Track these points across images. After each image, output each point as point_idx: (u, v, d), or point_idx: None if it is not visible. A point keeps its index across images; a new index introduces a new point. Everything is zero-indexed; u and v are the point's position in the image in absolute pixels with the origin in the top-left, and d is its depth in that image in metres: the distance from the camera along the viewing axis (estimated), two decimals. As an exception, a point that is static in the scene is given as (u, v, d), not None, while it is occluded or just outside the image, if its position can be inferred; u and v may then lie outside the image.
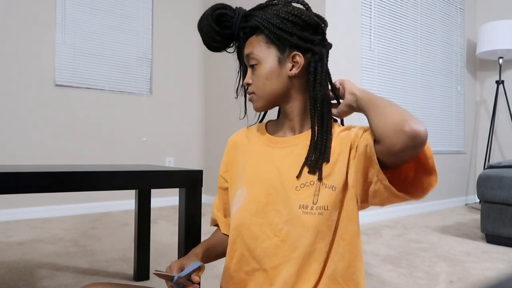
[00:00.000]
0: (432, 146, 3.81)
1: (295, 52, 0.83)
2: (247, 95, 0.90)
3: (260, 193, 0.85)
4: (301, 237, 0.80)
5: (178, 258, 1.24)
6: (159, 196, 3.86)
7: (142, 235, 1.73)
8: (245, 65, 0.92)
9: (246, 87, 0.91)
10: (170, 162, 3.95)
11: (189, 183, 1.21)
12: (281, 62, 0.84)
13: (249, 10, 0.87)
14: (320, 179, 0.81)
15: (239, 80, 0.95)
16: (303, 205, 0.81)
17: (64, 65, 3.35)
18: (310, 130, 0.87)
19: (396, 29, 3.47)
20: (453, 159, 4.03)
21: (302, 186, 0.82)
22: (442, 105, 3.96)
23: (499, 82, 3.87)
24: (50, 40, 3.27)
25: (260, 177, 0.87)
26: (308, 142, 0.85)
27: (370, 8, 3.22)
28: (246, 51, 0.86)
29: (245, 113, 0.99)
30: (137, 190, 1.73)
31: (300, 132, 0.89)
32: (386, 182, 0.75)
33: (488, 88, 4.29)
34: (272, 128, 0.94)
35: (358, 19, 3.11)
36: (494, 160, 4.14)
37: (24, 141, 3.14)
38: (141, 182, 1.14)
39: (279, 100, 0.88)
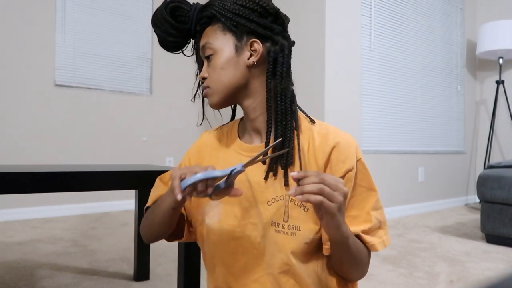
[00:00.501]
0: (432, 146, 3.82)
1: (253, 39, 0.77)
2: (203, 91, 0.82)
3: (234, 207, 0.80)
4: (275, 256, 0.76)
5: (178, 258, 1.24)
6: (159, 196, 3.86)
7: (142, 235, 1.73)
8: (202, 62, 0.85)
9: (201, 82, 0.83)
10: (170, 162, 3.95)
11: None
12: (238, 50, 0.78)
13: (206, 2, 0.81)
14: (286, 184, 0.75)
15: (199, 83, 0.86)
16: (275, 222, 0.76)
17: (64, 65, 3.35)
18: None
19: (396, 29, 3.47)
20: (453, 159, 4.03)
21: (273, 200, 0.76)
22: (442, 105, 3.96)
23: (499, 82, 3.87)
24: (50, 40, 3.27)
25: None
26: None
27: (370, 8, 3.22)
28: (202, 42, 0.80)
29: (203, 116, 0.87)
30: (137, 190, 1.73)
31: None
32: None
33: (488, 88, 4.29)
34: (242, 129, 0.86)
35: (358, 19, 3.11)
36: (494, 160, 4.14)
37: (24, 141, 3.14)
38: (141, 182, 1.14)
39: (237, 94, 0.80)
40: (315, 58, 2.96)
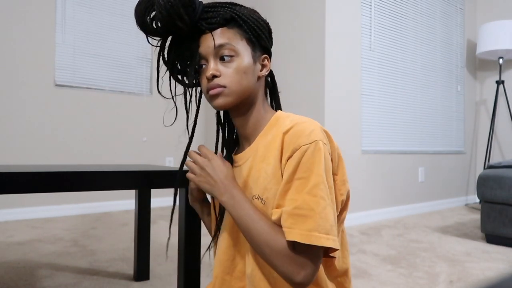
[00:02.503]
0: (432, 146, 3.82)
1: (265, 55, 0.82)
2: (209, 90, 0.79)
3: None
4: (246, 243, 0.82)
5: (178, 258, 1.24)
6: (159, 196, 3.86)
7: (142, 235, 1.73)
8: (187, 61, 0.84)
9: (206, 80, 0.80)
10: (170, 162, 3.95)
11: (189, 183, 1.21)
12: (254, 60, 0.80)
13: (214, 2, 0.80)
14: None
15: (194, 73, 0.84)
16: None
17: (64, 65, 3.35)
18: (255, 140, 0.82)
19: (396, 29, 3.47)
20: (453, 159, 4.03)
21: (252, 198, 0.80)
22: (442, 105, 3.96)
23: (499, 82, 3.87)
24: (50, 40, 3.27)
25: None
26: (257, 152, 0.80)
27: (370, 8, 3.22)
28: (219, 41, 0.77)
29: (197, 115, 0.87)
30: (137, 190, 1.73)
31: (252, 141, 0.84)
32: None
33: (488, 88, 4.29)
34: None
35: (358, 19, 3.11)
36: (494, 160, 4.14)
37: (24, 141, 3.14)
38: (141, 182, 1.14)
39: (246, 101, 0.81)
40: (315, 58, 2.95)
